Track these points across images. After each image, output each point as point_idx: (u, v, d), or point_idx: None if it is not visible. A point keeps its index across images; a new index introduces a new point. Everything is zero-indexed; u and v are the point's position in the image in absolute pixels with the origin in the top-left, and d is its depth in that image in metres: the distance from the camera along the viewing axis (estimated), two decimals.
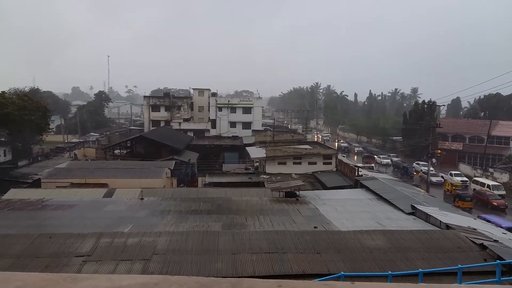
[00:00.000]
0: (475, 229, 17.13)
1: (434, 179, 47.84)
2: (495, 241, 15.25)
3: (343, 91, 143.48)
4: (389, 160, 62.70)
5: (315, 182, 34.38)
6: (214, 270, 12.24)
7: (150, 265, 12.64)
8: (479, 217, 25.78)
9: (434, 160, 54.80)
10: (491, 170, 52.32)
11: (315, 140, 68.90)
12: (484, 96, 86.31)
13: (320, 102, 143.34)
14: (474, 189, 42.93)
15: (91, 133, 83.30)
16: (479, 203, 37.39)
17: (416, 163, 56.94)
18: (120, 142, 51.88)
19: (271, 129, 67.77)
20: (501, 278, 9.65)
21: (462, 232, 16.00)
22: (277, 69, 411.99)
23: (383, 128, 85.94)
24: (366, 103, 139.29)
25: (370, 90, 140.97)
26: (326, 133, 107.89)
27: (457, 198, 38.29)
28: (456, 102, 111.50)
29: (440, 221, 18.00)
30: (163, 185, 30.31)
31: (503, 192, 40.84)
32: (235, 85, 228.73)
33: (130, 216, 19.48)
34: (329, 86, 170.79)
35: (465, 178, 48.56)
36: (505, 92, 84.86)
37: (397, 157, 64.81)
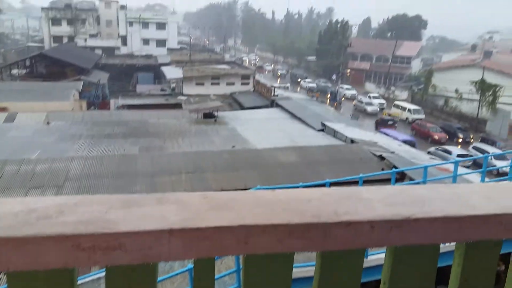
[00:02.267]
0: (376, 142, 19.03)
1: (369, 108, 43.93)
2: (392, 152, 17.18)
3: (260, 8, 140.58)
4: (314, 85, 59.65)
5: (233, 102, 34.70)
6: (133, 192, 12.25)
7: (63, 191, 12.25)
8: (379, 131, 28.45)
9: (334, 77, 54.98)
10: (393, 88, 56.70)
11: (245, 64, 64.83)
12: (392, 16, 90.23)
13: (238, 20, 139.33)
14: (389, 113, 41.01)
15: None
16: (419, 136, 33.96)
17: (340, 87, 53.18)
18: (17, 61, 46.32)
19: (188, 48, 65.02)
20: (395, 184, 11.07)
21: (365, 145, 17.70)
22: None
23: (299, 48, 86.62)
24: (283, 21, 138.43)
25: (287, 8, 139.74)
26: (253, 55, 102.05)
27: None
28: (366, 22, 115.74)
29: (346, 136, 19.66)
30: (71, 109, 28.39)
31: (423, 116, 39.46)
32: None
33: (37, 141, 18.26)
34: (247, 2, 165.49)
35: (383, 101, 48.13)
36: (411, 13, 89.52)
37: (326, 82, 59.96)
